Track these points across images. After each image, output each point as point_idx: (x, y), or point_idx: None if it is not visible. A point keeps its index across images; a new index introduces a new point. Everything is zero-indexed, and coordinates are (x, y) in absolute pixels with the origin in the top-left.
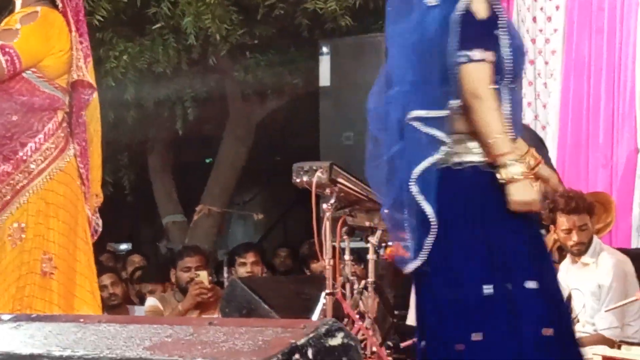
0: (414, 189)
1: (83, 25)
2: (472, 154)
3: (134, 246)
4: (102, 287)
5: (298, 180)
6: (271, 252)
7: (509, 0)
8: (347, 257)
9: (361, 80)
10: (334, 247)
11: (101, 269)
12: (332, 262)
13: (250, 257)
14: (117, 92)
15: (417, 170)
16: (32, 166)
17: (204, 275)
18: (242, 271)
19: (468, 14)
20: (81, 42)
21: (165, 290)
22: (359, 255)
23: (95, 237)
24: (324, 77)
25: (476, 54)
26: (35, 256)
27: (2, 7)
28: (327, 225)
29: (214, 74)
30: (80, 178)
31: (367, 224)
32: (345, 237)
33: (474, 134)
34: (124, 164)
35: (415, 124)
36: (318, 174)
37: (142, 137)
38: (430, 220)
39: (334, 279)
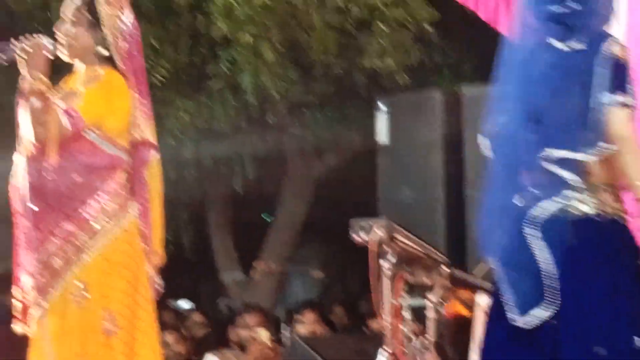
0: (534, 233)
1: (144, 85)
2: (604, 204)
3: (193, 303)
4: (165, 345)
5: (356, 237)
6: (328, 308)
7: None
8: (406, 314)
9: (419, 137)
10: (392, 305)
11: (163, 327)
12: (391, 320)
13: (307, 316)
14: (177, 150)
15: (541, 213)
16: (96, 226)
17: (264, 334)
18: (301, 329)
19: (613, 58)
20: (142, 103)
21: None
22: (419, 313)
23: (157, 297)
24: (382, 134)
25: (622, 97)
26: (98, 315)
27: (61, 67)
28: (385, 282)
29: (273, 131)
30: (143, 237)
31: (426, 281)
32: (404, 294)
33: (608, 182)
34: (184, 222)
35: (549, 165)
36: (376, 231)
37: (202, 195)
38: (550, 269)
39: (394, 337)
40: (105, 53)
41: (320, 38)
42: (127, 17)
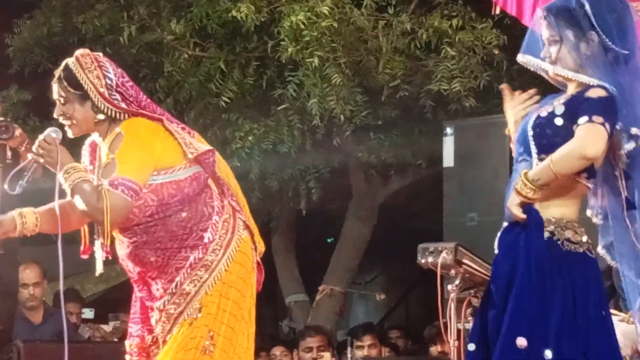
0: None
1: (159, 108)
2: None
3: (256, 325)
4: None
5: (423, 261)
6: (391, 332)
7: None
8: None
9: (485, 161)
10: (458, 329)
11: None
12: (457, 343)
13: (367, 340)
14: (242, 171)
15: None
16: (217, 246)
17: (327, 357)
18: (359, 354)
19: None
20: (177, 124)
21: None
22: None
23: None
24: (448, 158)
25: None
26: (202, 333)
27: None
28: (452, 306)
29: (338, 154)
30: (254, 252)
31: None
32: (470, 318)
33: None
34: None
35: None
36: (443, 254)
37: (266, 216)
38: None
39: None
40: (102, 117)
41: (388, 62)
42: (109, 71)
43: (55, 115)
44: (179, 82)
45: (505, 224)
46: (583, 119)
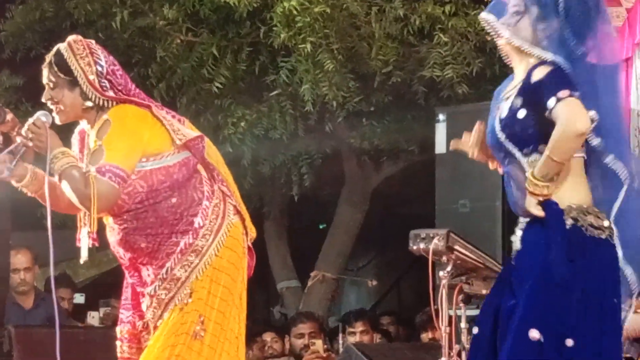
0: None
1: (146, 96)
2: None
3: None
4: None
5: (415, 247)
6: (382, 318)
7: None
8: (463, 325)
9: None
10: (450, 315)
11: None
12: (448, 330)
13: (359, 326)
14: (234, 157)
15: None
16: (207, 231)
17: (319, 344)
18: (351, 340)
19: None
20: (166, 111)
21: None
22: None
23: None
24: (440, 145)
25: None
26: (192, 318)
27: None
28: (443, 293)
29: (330, 140)
30: (245, 237)
31: (484, 291)
32: (461, 305)
33: None
34: None
35: None
36: (435, 241)
37: (259, 202)
38: None
39: (450, 347)
40: (90, 104)
41: (380, 48)
42: (100, 58)
43: (43, 100)
44: (171, 68)
45: (523, 220)
46: (551, 101)
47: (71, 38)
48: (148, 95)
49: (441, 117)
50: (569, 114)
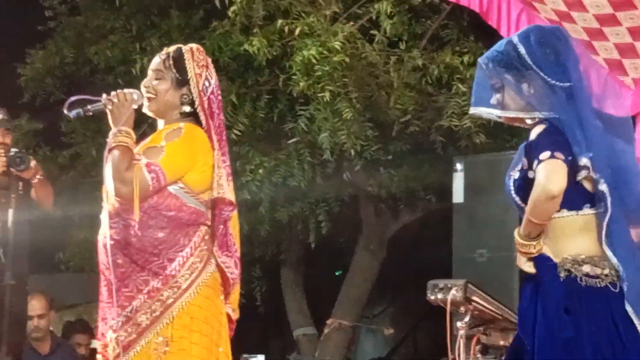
0: None
1: (224, 144)
2: None
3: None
4: None
5: (433, 297)
6: None
7: None
8: None
9: (495, 198)
10: None
11: None
12: None
13: None
14: (252, 204)
15: None
16: (181, 281)
17: None
18: None
19: None
20: (224, 161)
21: None
22: None
23: None
24: (458, 194)
25: None
26: None
27: (139, 121)
28: (460, 343)
29: (348, 187)
30: (225, 291)
31: (501, 342)
32: (479, 355)
33: None
34: (257, 276)
35: None
36: (453, 291)
37: (276, 249)
38: None
39: None
40: (188, 109)
41: (399, 97)
42: (211, 75)
43: (142, 85)
44: None
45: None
46: (535, 164)
47: (195, 46)
48: None
49: (459, 166)
50: (545, 176)
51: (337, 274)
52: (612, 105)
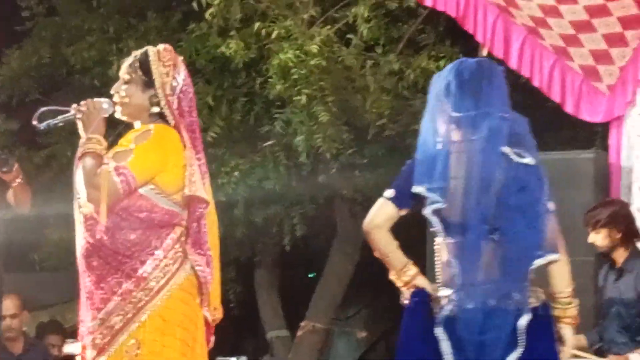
0: None
1: (198, 141)
2: None
3: None
4: None
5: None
6: None
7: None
8: None
9: None
10: None
11: None
12: None
13: None
14: (227, 207)
15: None
16: (152, 283)
17: None
18: None
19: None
20: (199, 159)
21: None
22: None
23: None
24: None
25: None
26: None
27: (115, 123)
28: None
29: (323, 191)
30: (200, 293)
31: None
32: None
33: None
34: (231, 278)
35: None
36: None
37: (250, 252)
38: None
39: None
40: (156, 110)
41: (375, 101)
42: (180, 74)
43: (112, 91)
44: None
45: None
46: None
47: (163, 46)
48: None
49: None
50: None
51: (310, 276)
52: (586, 111)
